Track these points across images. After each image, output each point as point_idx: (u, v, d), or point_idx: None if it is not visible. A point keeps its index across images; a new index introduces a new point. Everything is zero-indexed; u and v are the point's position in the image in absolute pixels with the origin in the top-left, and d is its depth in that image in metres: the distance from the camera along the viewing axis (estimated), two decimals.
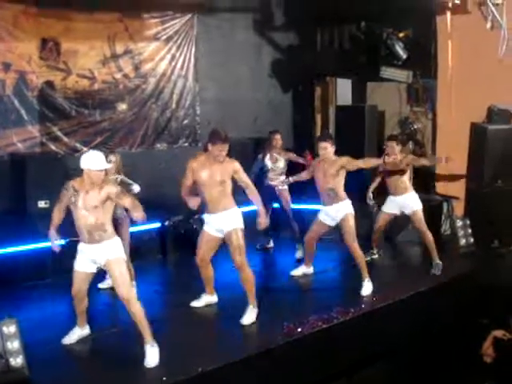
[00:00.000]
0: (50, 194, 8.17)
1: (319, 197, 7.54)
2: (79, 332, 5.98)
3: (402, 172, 8.04)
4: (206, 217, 6.56)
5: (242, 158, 10.36)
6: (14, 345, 5.19)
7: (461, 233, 9.23)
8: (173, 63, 10.67)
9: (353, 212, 7.37)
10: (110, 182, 5.75)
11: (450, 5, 9.79)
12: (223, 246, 6.62)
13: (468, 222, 9.34)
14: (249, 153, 10.33)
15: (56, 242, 5.80)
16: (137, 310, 5.42)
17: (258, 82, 11.68)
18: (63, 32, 9.29)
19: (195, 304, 6.92)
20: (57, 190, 8.08)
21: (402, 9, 9.95)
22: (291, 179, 8.04)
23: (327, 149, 7.29)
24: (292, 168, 9.01)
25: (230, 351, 5.76)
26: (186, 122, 10.92)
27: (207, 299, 6.94)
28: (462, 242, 9.21)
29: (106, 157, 7.14)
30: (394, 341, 6.93)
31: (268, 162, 9.01)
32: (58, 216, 5.75)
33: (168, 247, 9.06)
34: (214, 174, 6.32)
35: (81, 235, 5.60)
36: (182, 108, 10.86)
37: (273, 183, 8.73)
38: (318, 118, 12.45)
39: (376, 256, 8.72)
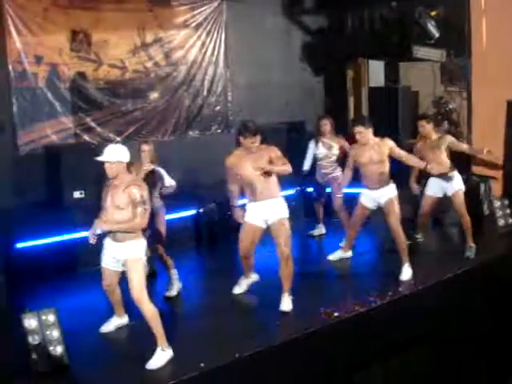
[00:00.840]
0: (85, 184, 8.29)
1: (362, 180, 7.44)
2: (117, 321, 6.03)
3: (439, 152, 7.88)
4: (249, 206, 6.45)
5: (275, 143, 10.42)
6: (54, 334, 5.25)
7: (499, 213, 9.07)
8: (203, 50, 10.65)
9: (397, 195, 7.27)
10: (137, 183, 5.46)
11: None
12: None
13: (506, 202, 9.17)
14: (281, 137, 10.28)
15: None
16: (147, 311, 5.32)
17: (288, 67, 11.60)
18: (93, 23, 9.33)
19: (237, 291, 6.90)
20: (91, 181, 8.26)
21: None
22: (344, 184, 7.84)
23: (362, 133, 7.17)
24: None
25: (267, 337, 5.76)
26: (217, 108, 10.91)
27: (248, 282, 6.94)
28: (501, 222, 9.05)
29: (140, 146, 7.20)
30: (432, 324, 6.85)
31: (322, 148, 8.76)
32: None
33: (203, 234, 9.07)
34: (256, 164, 6.26)
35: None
36: (213, 95, 10.84)
37: (326, 171, 8.67)
38: (351, 100, 12.34)
39: (421, 240, 8.58)
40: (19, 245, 7.44)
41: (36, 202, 8.52)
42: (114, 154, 5.42)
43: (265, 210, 6.36)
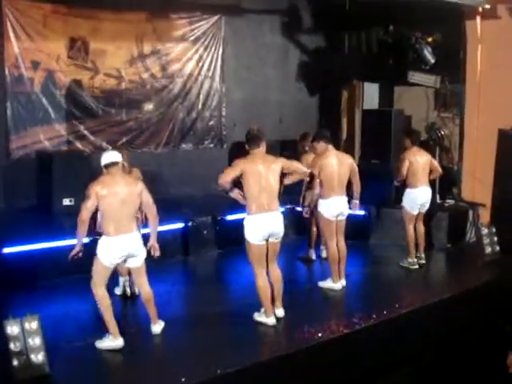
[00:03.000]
0: (75, 192, 8.25)
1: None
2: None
3: None
4: (256, 217, 6.20)
5: None
6: (36, 341, 5.21)
7: (486, 241, 9.08)
8: (200, 64, 10.70)
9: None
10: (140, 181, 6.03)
11: (479, 10, 9.70)
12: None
13: (494, 229, 9.20)
14: (275, 154, 10.24)
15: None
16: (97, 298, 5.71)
17: (284, 85, 11.66)
18: (91, 32, 9.37)
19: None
20: (82, 189, 8.20)
21: (430, 13, 9.85)
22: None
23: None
24: None
25: (248, 355, 5.74)
26: (211, 122, 10.94)
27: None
28: (488, 249, 9.06)
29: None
30: (416, 347, 6.86)
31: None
32: (84, 224, 5.77)
33: (191, 247, 9.05)
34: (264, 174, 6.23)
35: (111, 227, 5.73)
36: (208, 109, 10.88)
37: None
38: (344, 121, 12.40)
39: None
40: (6, 250, 7.39)
41: (25, 208, 8.50)
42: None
43: (274, 221, 6.26)
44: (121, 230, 5.66)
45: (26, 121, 8.92)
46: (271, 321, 6.30)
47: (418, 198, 8.38)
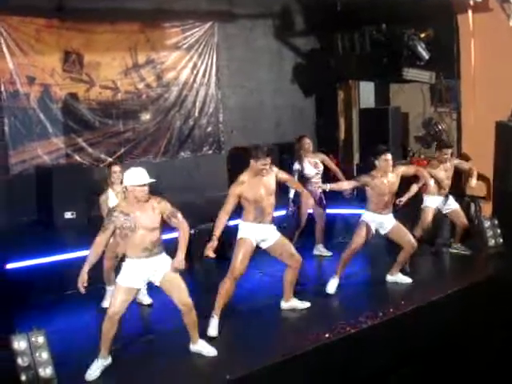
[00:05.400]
0: (76, 205, 8.28)
1: None
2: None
3: None
4: (251, 226, 6.36)
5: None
6: (43, 356, 5.22)
7: (489, 233, 9.09)
8: (195, 71, 10.72)
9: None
10: (160, 199, 5.62)
11: (471, 3, 9.71)
12: None
13: (496, 222, 9.21)
14: (273, 158, 10.29)
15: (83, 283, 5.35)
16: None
17: (280, 88, 11.68)
18: (85, 44, 9.40)
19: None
20: (83, 201, 8.24)
21: (422, 9, 9.87)
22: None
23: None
24: None
25: (257, 357, 5.73)
26: (209, 129, 10.95)
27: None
28: (491, 242, 9.07)
29: (110, 167, 7.20)
30: (424, 344, 6.84)
31: (310, 168, 8.75)
32: (99, 250, 5.42)
33: (193, 255, 9.03)
34: (263, 186, 6.33)
35: (136, 252, 5.48)
36: (204, 116, 10.89)
37: (320, 187, 8.64)
38: (342, 121, 12.39)
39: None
40: (9, 265, 7.39)
41: (27, 223, 8.50)
42: (146, 176, 5.47)
43: (268, 230, 6.42)
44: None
45: (24, 136, 8.94)
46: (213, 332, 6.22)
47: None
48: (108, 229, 5.37)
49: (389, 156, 7.26)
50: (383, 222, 7.37)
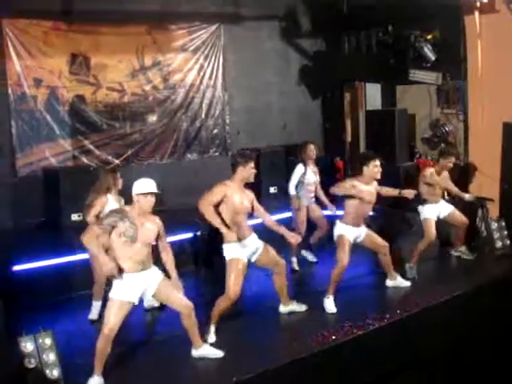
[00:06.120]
0: (83, 206, 8.26)
1: None
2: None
3: None
4: (240, 245, 6.23)
5: (274, 166, 10.42)
6: (50, 357, 5.24)
7: (496, 235, 9.08)
8: (201, 73, 10.73)
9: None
10: (158, 218, 5.59)
11: (477, 4, 9.69)
12: None
13: (503, 223, 9.18)
14: (280, 160, 10.37)
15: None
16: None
17: (286, 90, 11.68)
18: (92, 46, 9.42)
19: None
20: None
21: (428, 10, 9.86)
22: None
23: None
24: None
25: (263, 360, 5.74)
26: (215, 131, 10.97)
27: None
28: (498, 244, 9.05)
29: (115, 172, 7.20)
30: (429, 347, 6.83)
31: (311, 175, 8.65)
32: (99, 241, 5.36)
33: (200, 257, 9.05)
34: (246, 199, 6.28)
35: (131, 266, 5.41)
36: (211, 118, 10.91)
37: (312, 194, 8.64)
38: (348, 123, 12.40)
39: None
40: (17, 267, 7.43)
41: (34, 225, 8.53)
42: (154, 186, 5.45)
43: (254, 241, 6.39)
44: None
45: (31, 138, 8.96)
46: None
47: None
48: (106, 228, 5.29)
49: (378, 162, 7.01)
50: (359, 233, 7.19)
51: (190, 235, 9.01)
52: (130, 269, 5.38)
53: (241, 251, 6.23)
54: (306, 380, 5.80)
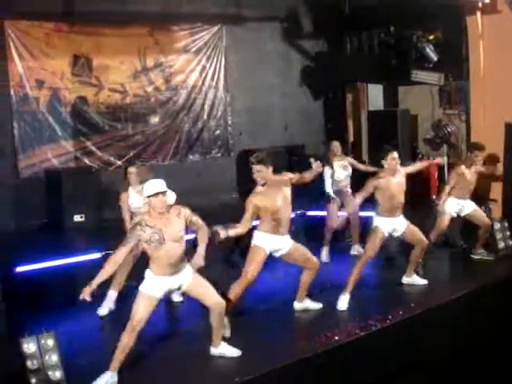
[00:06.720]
0: (86, 208, 8.29)
1: None
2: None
3: None
4: (266, 236, 6.29)
5: (276, 166, 10.39)
6: (53, 358, 5.20)
7: (499, 236, 9.04)
8: (203, 74, 10.75)
9: None
10: (180, 207, 5.48)
11: (479, 4, 9.68)
12: None
13: (506, 224, 9.16)
14: (282, 161, 10.35)
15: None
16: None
17: (288, 90, 11.69)
18: (94, 48, 9.44)
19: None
20: (92, 204, 8.24)
21: (430, 11, 9.86)
22: None
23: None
24: None
25: (266, 360, 5.72)
26: (217, 132, 10.98)
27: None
28: (501, 244, 9.02)
29: (125, 170, 7.19)
30: (433, 348, 6.81)
31: (340, 171, 8.76)
32: (116, 266, 5.20)
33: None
34: (284, 194, 6.28)
35: (162, 269, 5.30)
36: (213, 119, 10.92)
37: (346, 189, 8.74)
38: (350, 124, 12.40)
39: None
40: (19, 268, 7.41)
41: (37, 226, 8.53)
42: (163, 185, 5.30)
43: (280, 243, 6.37)
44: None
45: (34, 140, 8.98)
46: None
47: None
48: (130, 243, 5.19)
49: (395, 154, 7.13)
50: (396, 225, 7.21)
51: (191, 236, 8.97)
52: (161, 273, 5.29)
53: (267, 243, 6.27)
54: (308, 381, 5.78)
